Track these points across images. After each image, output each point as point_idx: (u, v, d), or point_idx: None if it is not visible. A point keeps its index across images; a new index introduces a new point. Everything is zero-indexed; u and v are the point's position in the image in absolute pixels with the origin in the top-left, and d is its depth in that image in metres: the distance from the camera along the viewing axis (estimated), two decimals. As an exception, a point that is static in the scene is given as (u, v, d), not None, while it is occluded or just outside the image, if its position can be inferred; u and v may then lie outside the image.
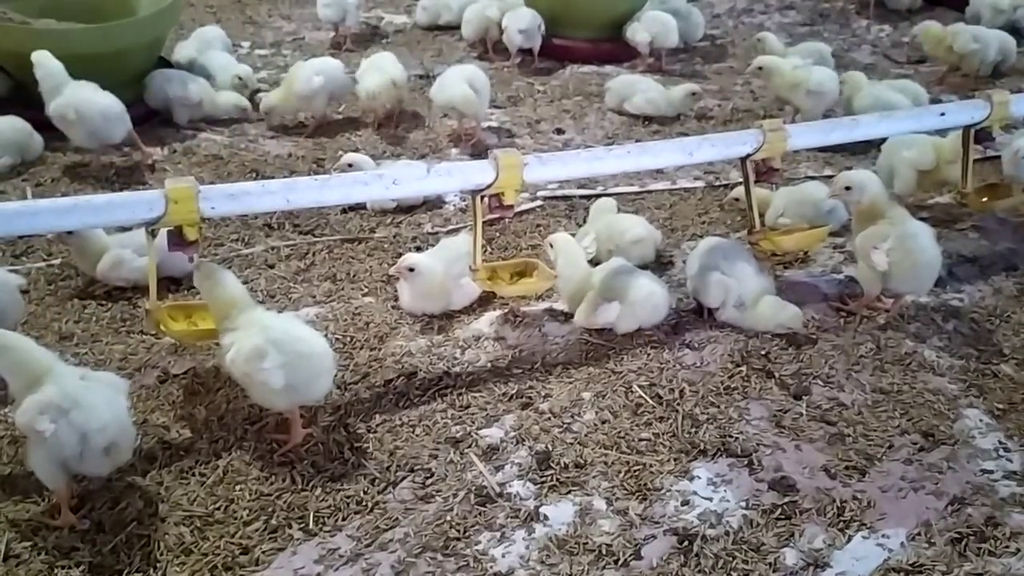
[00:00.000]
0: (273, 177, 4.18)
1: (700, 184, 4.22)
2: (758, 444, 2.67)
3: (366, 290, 3.40)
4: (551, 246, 3.19)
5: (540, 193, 4.04)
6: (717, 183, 4.22)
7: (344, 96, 4.78)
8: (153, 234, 2.61)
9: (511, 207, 3.02)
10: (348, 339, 3.12)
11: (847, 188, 3.21)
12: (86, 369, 2.48)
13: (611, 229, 3.51)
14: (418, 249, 3.59)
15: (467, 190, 2.99)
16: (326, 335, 3.06)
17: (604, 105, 5.03)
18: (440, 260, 3.25)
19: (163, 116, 4.68)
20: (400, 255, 3.49)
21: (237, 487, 2.48)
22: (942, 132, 3.80)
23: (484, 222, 3.11)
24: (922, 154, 3.74)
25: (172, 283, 3.35)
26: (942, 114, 3.54)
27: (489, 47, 5.69)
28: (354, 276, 3.49)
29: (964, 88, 5.27)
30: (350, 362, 3.00)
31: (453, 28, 5.99)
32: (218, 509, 2.40)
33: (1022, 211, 3.90)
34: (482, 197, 2.96)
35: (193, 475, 2.52)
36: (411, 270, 3.18)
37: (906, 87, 4.70)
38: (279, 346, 2.49)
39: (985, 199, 3.74)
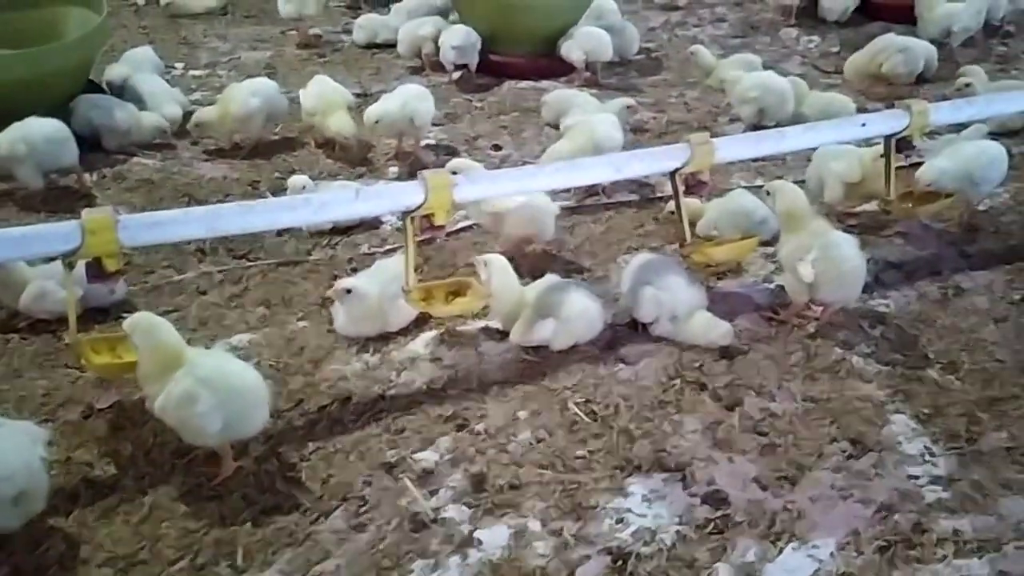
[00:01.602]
0: (206, 201, 4.13)
1: (635, 197, 4.26)
2: (692, 458, 2.69)
3: (301, 314, 3.37)
4: (484, 264, 3.19)
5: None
6: (652, 196, 4.26)
7: (281, 117, 4.73)
8: (71, 266, 2.55)
9: (442, 227, 3.02)
10: (282, 365, 3.08)
11: (768, 193, 3.28)
12: (3, 418, 2.42)
13: None
14: (355, 271, 3.57)
15: (397, 212, 2.97)
16: (259, 362, 3.06)
17: (541, 120, 5.05)
18: (375, 282, 3.23)
19: (92, 141, 4.58)
20: (336, 277, 3.48)
21: (163, 525, 2.42)
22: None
23: (418, 242, 3.11)
24: (849, 166, 3.82)
25: (99, 314, 3.28)
26: (863, 124, 3.62)
27: (426, 64, 5.69)
28: (289, 300, 3.45)
29: (890, 97, 5.39)
30: (284, 389, 2.96)
31: (391, 46, 5.98)
32: (143, 549, 2.35)
33: (945, 216, 4.00)
34: (412, 218, 2.96)
35: (117, 514, 2.47)
36: (347, 292, 3.16)
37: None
38: (210, 384, 2.45)
39: (909, 205, 3.82)
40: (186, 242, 3.68)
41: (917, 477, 2.63)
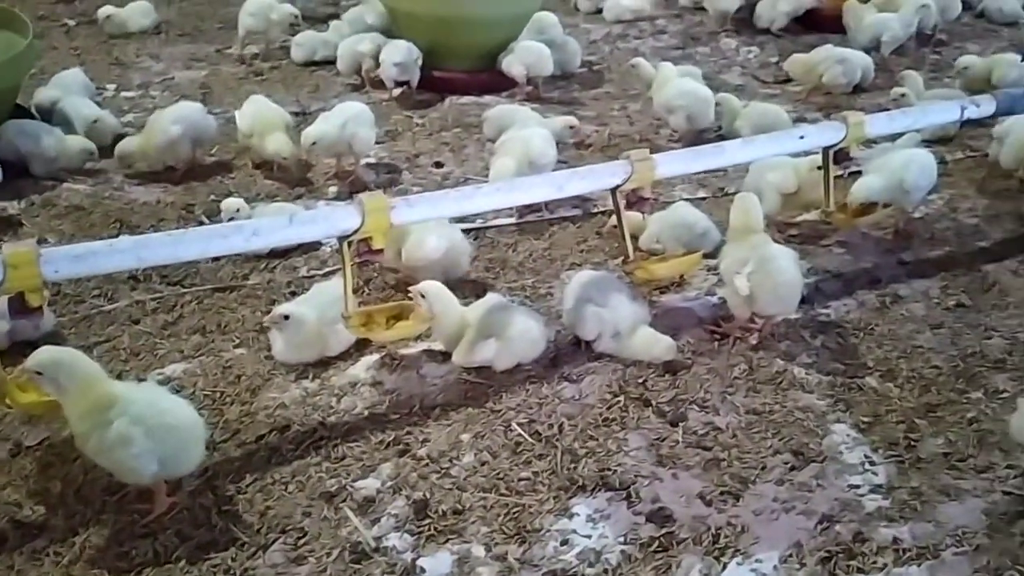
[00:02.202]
0: (139, 227, 4.05)
1: (577, 212, 4.26)
2: (636, 475, 2.68)
3: (238, 341, 3.29)
4: (422, 296, 3.12)
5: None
6: (595, 211, 4.26)
7: (209, 140, 4.63)
8: (-8, 302, 2.46)
9: (381, 251, 2.97)
10: (218, 395, 3.01)
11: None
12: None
13: None
14: (293, 294, 3.51)
15: (333, 236, 2.92)
16: (194, 392, 2.98)
17: (483, 136, 5.03)
18: (314, 306, 3.18)
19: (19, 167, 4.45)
20: (275, 302, 3.42)
21: (95, 566, 2.33)
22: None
23: (357, 264, 3.06)
24: (784, 177, 3.86)
25: (28, 347, 3.16)
26: (802, 137, 3.66)
27: (366, 81, 5.64)
28: (225, 327, 3.37)
29: (828, 106, 5.49)
30: (219, 419, 2.89)
31: (330, 63, 5.92)
32: (72, 592, 2.27)
33: (884, 225, 4.06)
34: (349, 242, 2.91)
35: (47, 555, 2.37)
36: (285, 318, 3.10)
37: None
38: (144, 423, 2.37)
39: (848, 216, 3.86)
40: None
41: (858, 486, 2.65)
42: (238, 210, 3.68)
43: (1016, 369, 3.18)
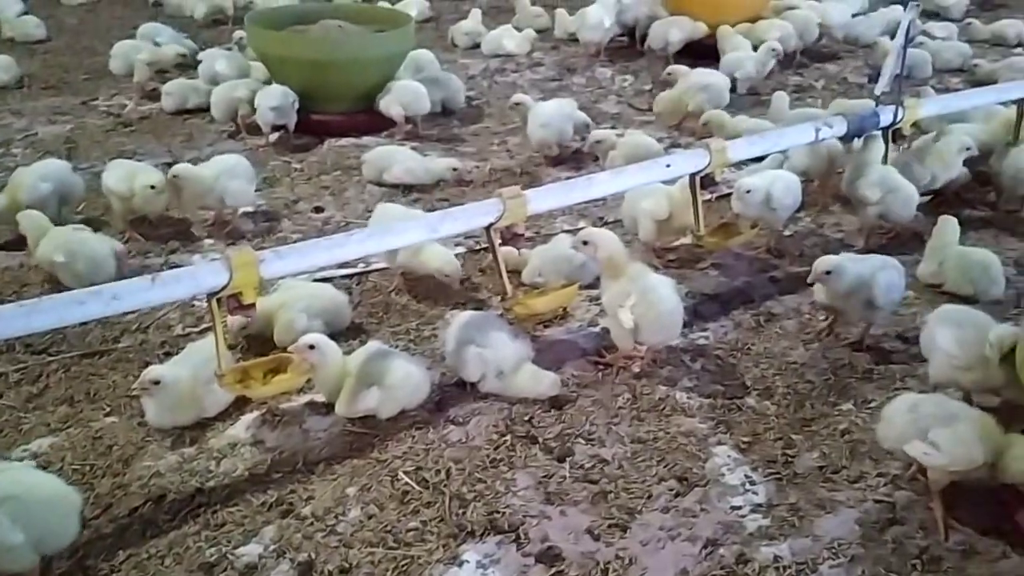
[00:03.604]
0: (2, 294, 3.84)
1: (460, 249, 4.26)
2: (524, 516, 2.67)
3: (108, 409, 3.15)
4: (310, 348, 3.05)
5: (299, 277, 3.93)
6: (477, 247, 4.27)
7: (76, 197, 4.43)
8: None
9: (252, 306, 2.90)
10: (88, 468, 2.87)
11: (584, 243, 3.33)
12: None
13: None
14: (168, 355, 3.39)
15: (201, 295, 2.84)
16: (62, 468, 2.84)
17: (363, 178, 5.00)
18: (187, 366, 3.08)
19: None
20: (148, 364, 3.28)
21: (-50, 667, 2.19)
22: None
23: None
24: (657, 204, 3.95)
25: None
26: (668, 165, 3.75)
27: (242, 127, 5.54)
28: (95, 395, 3.23)
29: (701, 131, 5.66)
30: (90, 494, 2.75)
31: (203, 111, 5.78)
32: None
33: (755, 245, 4.20)
34: (218, 299, 2.83)
35: None
36: (156, 383, 2.98)
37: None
38: (12, 507, 2.26)
39: (719, 238, 3.98)
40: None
41: (739, 507, 2.71)
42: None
43: (883, 378, 3.33)
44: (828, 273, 3.35)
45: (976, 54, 7.14)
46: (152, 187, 4.20)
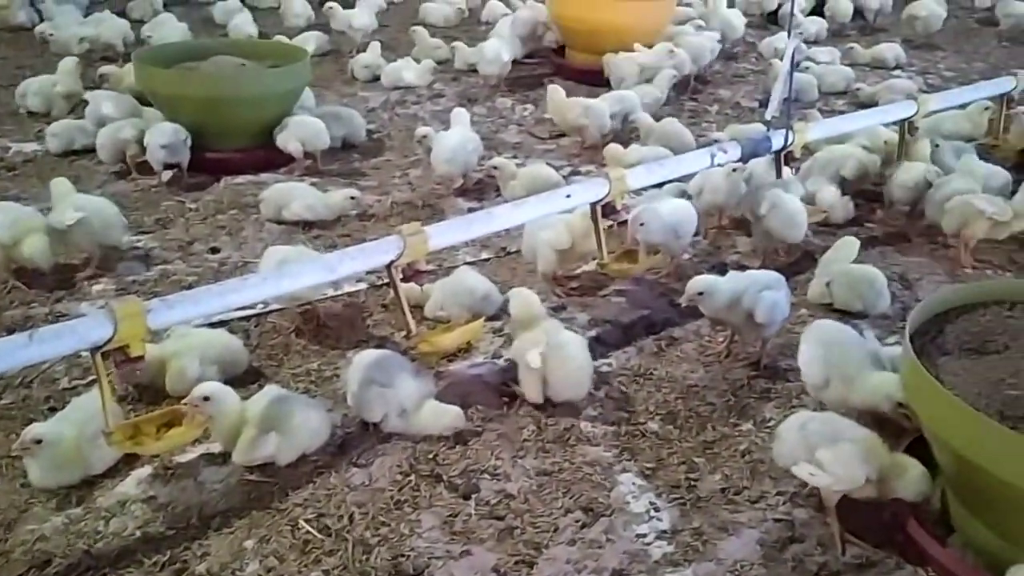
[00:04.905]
0: None
1: (363, 286, 4.20)
2: (430, 558, 2.63)
3: (-12, 471, 2.99)
4: (205, 399, 2.94)
5: (195, 322, 3.81)
6: (379, 283, 4.22)
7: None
8: None
9: (141, 358, 2.78)
10: (-36, 539, 2.70)
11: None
12: None
13: None
14: (52, 410, 3.23)
15: (83, 350, 2.71)
16: (-66, 540, 2.67)
17: (262, 216, 4.89)
18: (71, 423, 2.94)
19: None
20: (32, 421, 3.12)
21: None
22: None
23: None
24: (557, 234, 3.98)
25: None
26: (568, 196, 3.79)
27: (131, 167, 5.36)
28: (-27, 457, 3.05)
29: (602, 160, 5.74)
30: (-34, 566, 2.59)
31: (90, 151, 5.58)
32: None
33: (655, 269, 4.26)
34: (104, 354, 2.71)
35: None
36: (37, 442, 2.83)
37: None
38: None
39: (622, 265, 4.02)
40: None
41: (645, 535, 2.72)
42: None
43: (780, 397, 3.41)
44: (700, 294, 3.42)
45: (858, 77, 7.46)
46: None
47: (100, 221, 4.23)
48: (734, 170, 4.43)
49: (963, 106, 5.69)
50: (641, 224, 3.87)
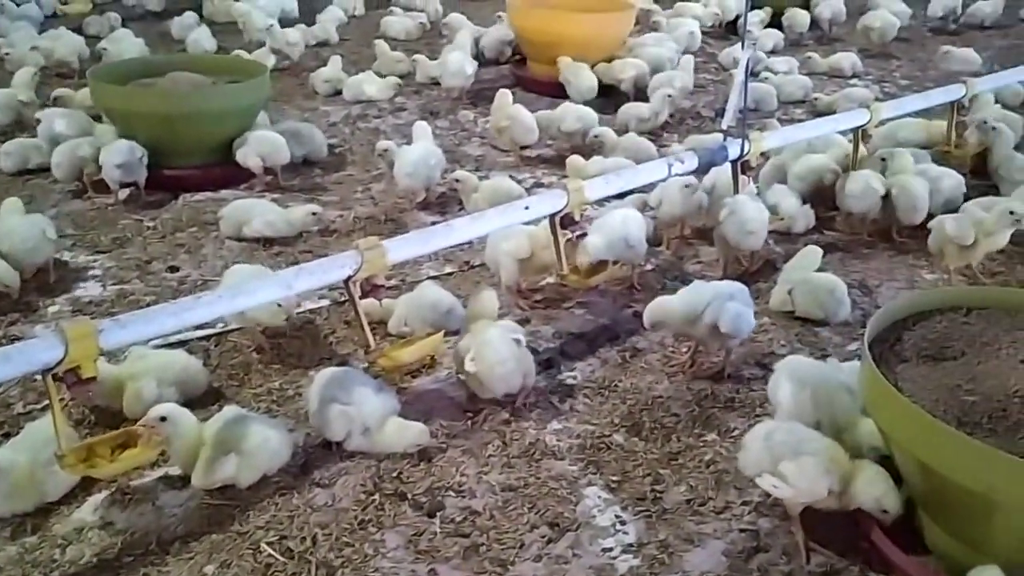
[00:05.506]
0: None
1: (325, 302, 4.16)
2: (394, 579, 2.60)
3: (-62, 501, 2.90)
4: (162, 420, 2.88)
5: (153, 342, 3.74)
6: (341, 299, 4.18)
7: None
8: None
9: (93, 379, 2.72)
10: (-87, 571, 2.62)
11: None
12: None
13: None
14: (7, 436, 3.15)
15: (34, 373, 2.65)
16: None
17: (221, 234, 4.83)
18: (24, 449, 2.87)
19: None
20: (-15, 449, 3.04)
21: None
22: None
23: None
24: (518, 245, 3.97)
25: None
26: (527, 208, 3.78)
27: (88, 186, 5.28)
28: (-78, 487, 2.96)
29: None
30: (-85, 600, 2.52)
31: (45, 170, 5.48)
32: None
33: (617, 280, 4.26)
34: (54, 376, 2.65)
35: None
36: (-11, 470, 2.76)
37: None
38: None
39: (582, 276, 4.02)
40: None
41: (611, 549, 2.71)
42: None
43: (744, 406, 3.42)
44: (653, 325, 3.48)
45: (816, 86, 7.56)
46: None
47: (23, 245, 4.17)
48: (687, 185, 4.46)
49: (916, 114, 5.77)
50: (581, 236, 3.88)
